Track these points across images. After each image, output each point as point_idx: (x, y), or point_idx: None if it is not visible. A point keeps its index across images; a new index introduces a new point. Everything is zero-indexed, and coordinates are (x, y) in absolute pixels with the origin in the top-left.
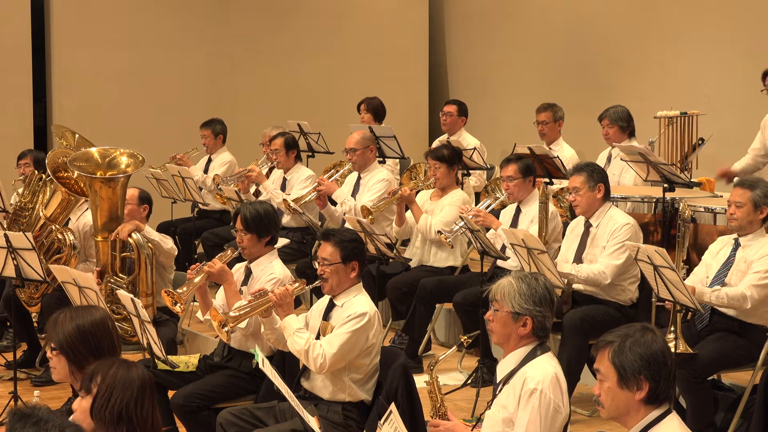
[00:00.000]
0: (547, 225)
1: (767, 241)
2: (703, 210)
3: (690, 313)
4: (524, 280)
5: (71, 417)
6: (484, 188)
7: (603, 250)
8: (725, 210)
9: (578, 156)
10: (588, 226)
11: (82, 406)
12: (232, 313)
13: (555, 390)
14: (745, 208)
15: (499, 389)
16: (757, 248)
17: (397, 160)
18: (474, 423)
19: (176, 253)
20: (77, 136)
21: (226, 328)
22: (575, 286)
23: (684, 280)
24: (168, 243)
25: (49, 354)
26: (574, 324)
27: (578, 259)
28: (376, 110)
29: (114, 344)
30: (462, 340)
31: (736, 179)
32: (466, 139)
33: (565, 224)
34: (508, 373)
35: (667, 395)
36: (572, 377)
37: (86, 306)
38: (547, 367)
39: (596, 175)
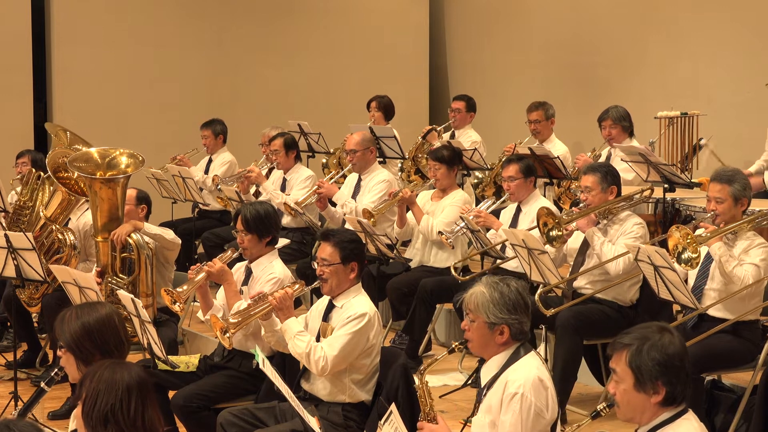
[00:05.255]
0: None
1: (751, 236)
2: (702, 210)
3: (681, 314)
4: (496, 287)
5: (73, 425)
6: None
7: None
8: None
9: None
10: (596, 224)
11: (76, 413)
12: (232, 319)
13: (538, 393)
14: (726, 204)
15: (483, 394)
16: (740, 246)
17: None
18: (464, 423)
19: (180, 243)
20: (69, 133)
21: (227, 334)
22: (576, 283)
23: (685, 280)
24: (170, 234)
25: (59, 353)
26: (567, 323)
27: (582, 255)
28: (387, 108)
29: (122, 340)
30: (454, 345)
31: (713, 173)
32: (471, 136)
33: None
34: (491, 377)
35: (684, 396)
36: (569, 377)
37: (93, 302)
38: (530, 370)
39: (610, 177)
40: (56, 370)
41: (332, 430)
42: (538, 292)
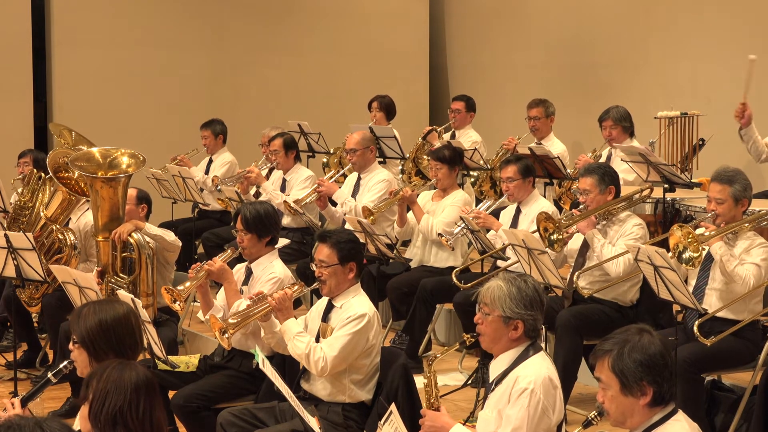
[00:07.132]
0: None
1: (752, 235)
2: (702, 210)
3: (681, 315)
4: (514, 282)
5: (77, 426)
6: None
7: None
8: None
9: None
10: (595, 226)
11: (83, 414)
12: (231, 320)
13: (547, 392)
14: (727, 204)
15: (491, 389)
16: (741, 246)
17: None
18: (465, 419)
19: (180, 244)
20: (74, 133)
21: (226, 335)
22: (579, 283)
23: (685, 281)
24: (170, 235)
25: (71, 346)
26: (567, 323)
27: (583, 256)
28: (388, 108)
29: (136, 341)
30: (465, 338)
31: (713, 174)
32: (471, 136)
33: None
34: (501, 373)
35: (671, 394)
36: (569, 377)
37: (111, 300)
38: (540, 368)
39: (607, 178)
40: (66, 363)
41: (332, 430)
42: None
